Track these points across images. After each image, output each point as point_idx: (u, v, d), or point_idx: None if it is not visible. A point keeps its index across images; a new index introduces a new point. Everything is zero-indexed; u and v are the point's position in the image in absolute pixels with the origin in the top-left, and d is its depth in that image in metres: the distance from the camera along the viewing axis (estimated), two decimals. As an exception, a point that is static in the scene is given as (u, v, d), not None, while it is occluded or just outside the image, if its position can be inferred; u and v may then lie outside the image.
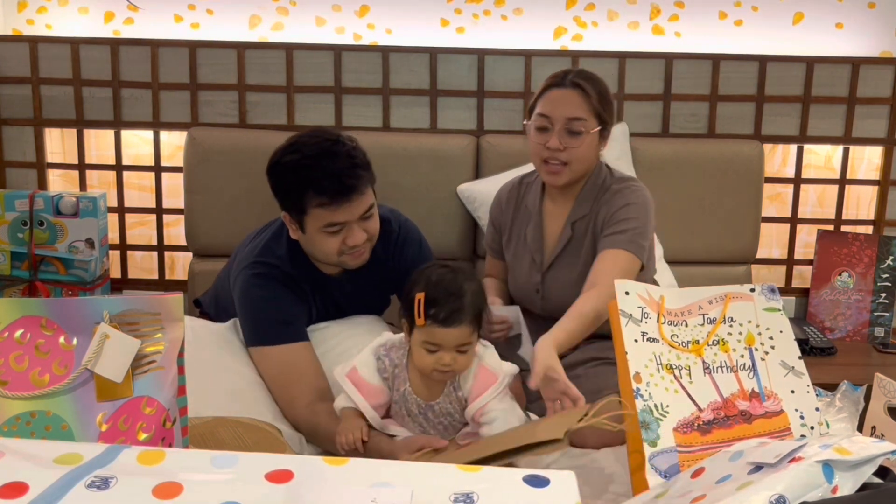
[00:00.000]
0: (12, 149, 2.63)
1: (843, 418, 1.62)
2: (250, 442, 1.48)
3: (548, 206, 1.92)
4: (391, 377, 1.55)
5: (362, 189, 1.69)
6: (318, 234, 1.72)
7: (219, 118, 2.58)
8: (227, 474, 0.86)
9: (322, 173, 1.66)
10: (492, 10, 2.61)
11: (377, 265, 1.87)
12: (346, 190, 1.66)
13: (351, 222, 1.71)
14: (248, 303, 1.79)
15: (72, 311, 1.13)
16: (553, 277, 1.88)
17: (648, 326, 1.41)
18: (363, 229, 1.73)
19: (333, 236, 1.72)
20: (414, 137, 2.51)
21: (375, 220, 1.78)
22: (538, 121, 1.80)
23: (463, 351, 1.48)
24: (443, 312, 1.43)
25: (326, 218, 1.69)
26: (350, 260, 1.77)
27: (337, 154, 1.68)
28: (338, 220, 1.69)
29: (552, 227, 1.90)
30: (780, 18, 2.62)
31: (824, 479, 0.98)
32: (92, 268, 2.42)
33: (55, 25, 2.61)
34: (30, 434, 1.08)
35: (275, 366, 1.75)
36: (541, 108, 1.80)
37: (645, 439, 1.31)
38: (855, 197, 2.73)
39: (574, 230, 1.86)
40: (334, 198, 1.66)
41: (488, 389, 1.52)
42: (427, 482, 0.86)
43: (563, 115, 1.77)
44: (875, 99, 2.60)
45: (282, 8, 2.60)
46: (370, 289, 1.92)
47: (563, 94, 1.79)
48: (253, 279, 1.79)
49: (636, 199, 1.81)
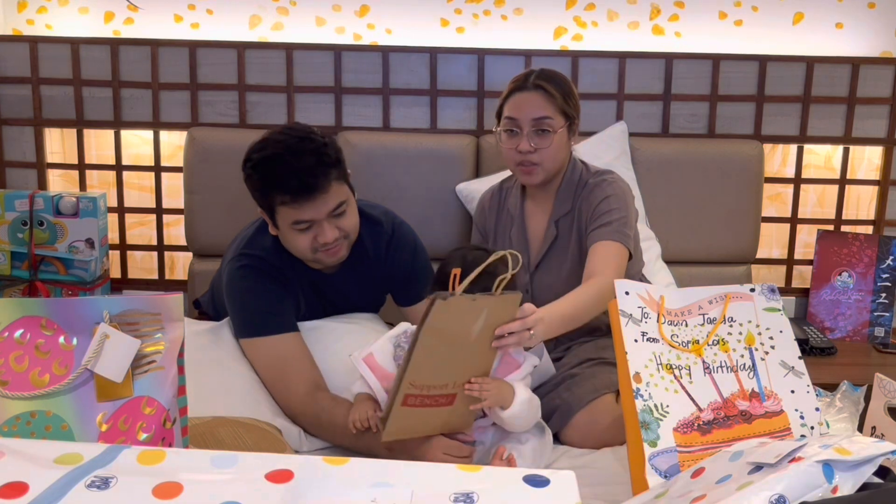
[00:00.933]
0: (12, 149, 2.63)
1: (843, 418, 1.62)
2: (250, 442, 1.48)
3: (529, 207, 1.95)
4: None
5: (326, 187, 1.66)
6: (289, 231, 1.71)
7: (219, 118, 2.58)
8: (227, 474, 0.86)
9: (285, 171, 1.65)
10: (492, 10, 2.61)
11: (367, 265, 1.87)
12: (307, 189, 1.64)
13: (320, 220, 1.69)
14: (236, 294, 1.79)
15: (72, 311, 1.13)
16: (542, 276, 1.91)
17: (648, 326, 1.41)
18: (335, 226, 1.71)
19: (303, 233, 1.70)
20: (414, 137, 2.51)
21: (350, 217, 1.75)
22: (506, 124, 1.85)
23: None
24: (477, 289, 1.44)
25: (292, 216, 1.68)
26: (325, 257, 1.75)
27: (303, 151, 1.65)
28: (304, 218, 1.68)
29: (535, 227, 1.94)
30: (780, 18, 2.62)
31: (824, 479, 0.98)
32: (92, 268, 2.42)
33: (55, 25, 2.62)
34: (30, 434, 1.08)
35: (266, 357, 1.75)
36: (507, 111, 1.86)
37: (645, 439, 1.31)
38: (855, 197, 2.73)
39: (558, 228, 1.90)
40: (297, 196, 1.65)
41: (510, 375, 1.53)
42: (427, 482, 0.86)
43: (530, 117, 1.83)
44: (875, 99, 2.60)
45: (282, 8, 2.60)
46: (361, 288, 1.91)
47: (527, 97, 1.84)
48: (239, 271, 1.78)
49: (614, 191, 1.85)
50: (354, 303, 1.93)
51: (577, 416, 1.72)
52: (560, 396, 1.76)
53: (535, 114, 1.83)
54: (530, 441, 1.55)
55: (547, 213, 1.93)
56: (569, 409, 1.73)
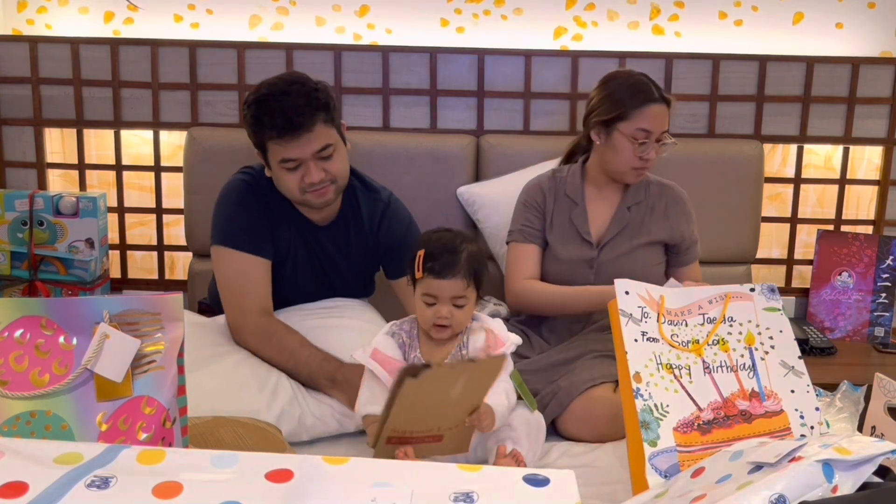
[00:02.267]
0: (12, 149, 2.63)
1: (843, 418, 1.62)
2: (250, 442, 1.48)
3: (590, 194, 2.08)
4: (406, 348, 1.60)
5: (311, 126, 1.74)
6: (279, 169, 1.79)
7: (219, 118, 2.58)
8: (227, 474, 0.86)
9: (273, 108, 1.74)
10: (492, 10, 2.61)
11: (359, 228, 1.95)
12: (293, 126, 1.73)
13: (306, 160, 1.77)
14: (225, 203, 1.89)
15: (72, 311, 1.13)
16: (607, 253, 2.02)
17: (648, 326, 1.41)
18: (322, 168, 1.78)
19: (291, 172, 1.78)
20: (414, 137, 2.51)
21: (339, 162, 1.82)
22: (639, 134, 1.94)
23: (459, 305, 1.54)
24: (438, 265, 1.52)
25: (280, 153, 1.76)
26: (312, 198, 1.81)
27: (292, 93, 1.75)
28: (291, 157, 1.76)
29: (598, 210, 2.07)
30: (780, 18, 2.62)
31: (824, 478, 0.98)
32: (92, 268, 2.42)
33: (55, 25, 2.61)
34: (30, 434, 1.08)
35: (231, 269, 1.85)
36: (642, 122, 1.94)
37: (645, 439, 1.31)
38: (855, 197, 2.73)
39: (631, 212, 2.05)
40: (282, 133, 1.74)
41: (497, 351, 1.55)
42: (427, 482, 0.86)
43: (660, 130, 1.96)
44: (875, 99, 2.60)
45: (282, 8, 2.60)
46: (351, 252, 1.96)
47: (660, 111, 1.95)
48: (238, 183, 1.90)
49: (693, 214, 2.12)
50: (344, 268, 1.97)
51: (574, 404, 1.74)
52: (558, 384, 1.79)
53: (664, 127, 1.97)
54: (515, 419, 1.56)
55: (612, 200, 2.07)
56: (566, 395, 1.76)
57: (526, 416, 1.60)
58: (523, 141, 2.53)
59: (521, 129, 2.60)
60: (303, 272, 1.95)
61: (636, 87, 1.97)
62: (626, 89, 1.97)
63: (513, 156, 2.44)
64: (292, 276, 1.94)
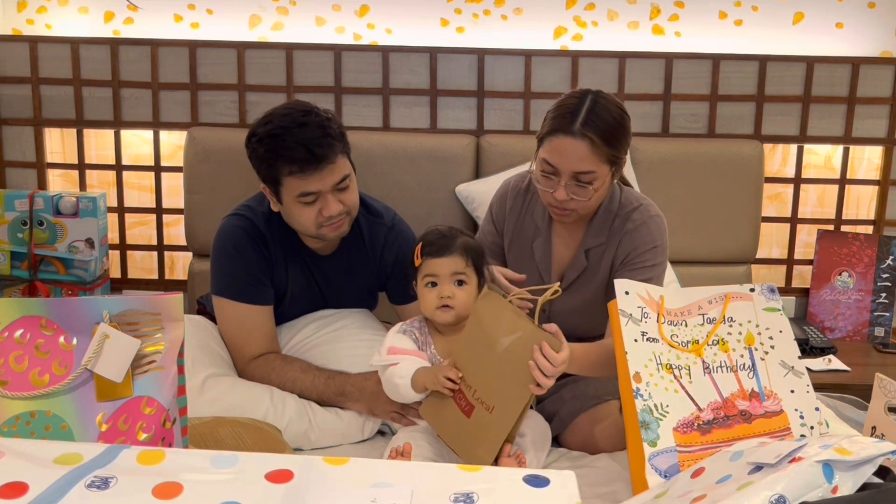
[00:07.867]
0: (12, 149, 2.63)
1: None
2: (250, 442, 1.48)
3: (557, 226, 1.81)
4: (420, 345, 1.62)
5: (333, 158, 1.70)
6: (294, 204, 1.74)
7: (219, 118, 2.58)
8: (227, 474, 0.86)
9: (292, 142, 1.68)
10: (492, 10, 2.61)
11: (362, 254, 1.90)
12: (315, 159, 1.68)
13: (325, 192, 1.72)
14: (221, 253, 1.84)
15: (72, 311, 1.13)
16: (563, 300, 1.70)
17: (648, 326, 1.41)
18: (339, 200, 1.74)
19: (309, 206, 1.73)
20: (414, 137, 2.51)
21: (352, 193, 1.79)
22: (543, 167, 1.64)
23: (461, 282, 1.58)
24: (435, 247, 1.58)
25: (299, 187, 1.71)
26: (329, 231, 1.77)
27: (308, 124, 1.71)
28: (310, 190, 1.71)
29: (561, 249, 1.81)
30: (780, 18, 2.62)
31: (824, 479, 0.98)
32: (92, 268, 2.42)
33: (55, 25, 2.61)
34: (30, 434, 1.08)
35: (232, 319, 1.83)
36: (545, 154, 1.64)
37: (645, 439, 1.31)
38: (855, 197, 2.73)
39: (589, 258, 1.76)
40: (304, 166, 1.68)
41: None
42: (427, 482, 0.86)
43: (571, 169, 1.61)
44: (875, 99, 2.60)
45: (282, 8, 2.60)
46: (353, 278, 1.93)
47: (570, 145, 1.59)
48: (230, 229, 1.83)
49: (661, 241, 1.71)
50: (346, 294, 1.94)
51: (577, 420, 1.70)
52: (563, 399, 1.75)
53: (575, 167, 1.60)
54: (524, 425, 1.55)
55: (576, 238, 1.78)
56: (569, 413, 1.71)
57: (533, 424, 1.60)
58: (523, 141, 2.52)
59: (521, 129, 2.60)
60: (303, 302, 1.92)
61: (558, 110, 1.64)
62: (552, 110, 1.66)
63: (513, 155, 2.43)
64: (292, 308, 1.91)
